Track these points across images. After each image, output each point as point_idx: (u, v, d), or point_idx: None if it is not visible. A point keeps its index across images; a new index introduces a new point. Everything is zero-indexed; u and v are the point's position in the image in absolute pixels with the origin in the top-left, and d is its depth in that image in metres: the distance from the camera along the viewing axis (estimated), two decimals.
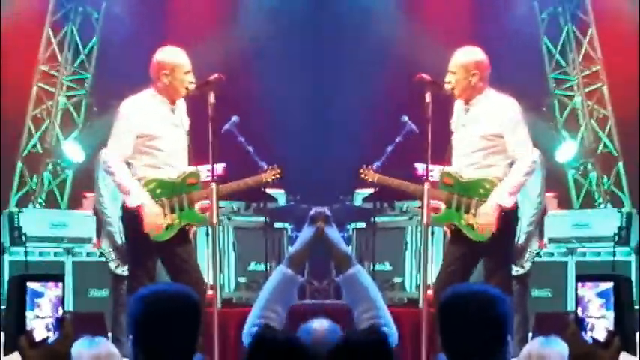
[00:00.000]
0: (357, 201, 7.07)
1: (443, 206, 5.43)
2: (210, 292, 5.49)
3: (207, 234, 6.05)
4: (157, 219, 5.44)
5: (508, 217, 5.34)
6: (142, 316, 2.78)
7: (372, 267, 6.54)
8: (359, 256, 6.63)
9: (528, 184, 5.79)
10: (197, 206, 5.54)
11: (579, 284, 2.55)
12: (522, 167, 5.31)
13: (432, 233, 5.64)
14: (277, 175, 6.23)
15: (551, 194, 6.90)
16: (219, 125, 5.65)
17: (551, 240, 6.94)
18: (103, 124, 6.82)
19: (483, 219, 5.25)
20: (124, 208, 5.56)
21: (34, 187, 8.44)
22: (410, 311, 6.02)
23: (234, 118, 6.33)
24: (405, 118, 6.03)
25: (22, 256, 7.16)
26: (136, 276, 5.42)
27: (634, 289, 5.80)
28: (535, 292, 6.75)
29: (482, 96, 5.26)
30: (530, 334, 5.57)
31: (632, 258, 7.25)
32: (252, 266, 6.91)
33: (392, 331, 2.84)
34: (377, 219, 6.62)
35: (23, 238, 7.23)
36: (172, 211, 5.55)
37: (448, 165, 5.53)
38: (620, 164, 8.31)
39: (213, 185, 5.76)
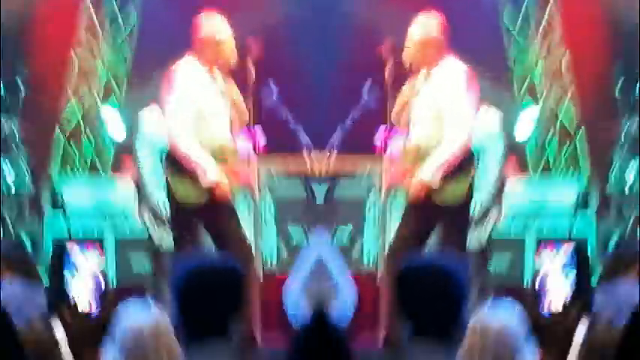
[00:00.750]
0: None
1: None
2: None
3: (249, 205, 6.50)
4: (227, 190, 5.55)
5: (461, 191, 5.51)
6: (185, 288, 2.92)
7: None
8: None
9: (490, 149, 6.07)
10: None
11: (539, 250, 2.54)
12: (451, 145, 5.46)
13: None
14: None
15: (511, 160, 6.80)
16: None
17: (510, 210, 6.74)
18: (143, 94, 6.91)
19: (412, 188, 5.44)
20: (193, 181, 5.55)
21: (73, 156, 8.08)
22: (369, 284, 6.11)
23: (275, 88, 6.41)
24: (366, 88, 6.27)
25: (63, 225, 6.88)
26: (184, 246, 5.56)
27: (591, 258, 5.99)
28: (495, 263, 6.61)
29: (441, 65, 5.44)
30: None
31: (590, 229, 6.99)
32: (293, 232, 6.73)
33: None
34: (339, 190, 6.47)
35: (64, 206, 6.97)
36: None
37: (405, 129, 5.66)
38: (580, 133, 8.00)
39: (254, 157, 6.12)
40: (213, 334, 2.87)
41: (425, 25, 5.57)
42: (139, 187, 6.57)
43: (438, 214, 5.56)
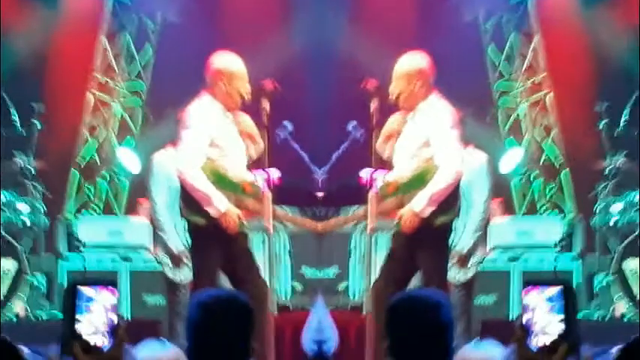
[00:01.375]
0: None
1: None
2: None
3: (263, 241, 6.32)
4: (236, 220, 5.47)
5: (443, 227, 5.49)
6: (198, 322, 2.81)
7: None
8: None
9: (475, 189, 6.17)
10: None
11: (526, 290, 2.58)
12: (444, 176, 5.41)
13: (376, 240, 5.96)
14: None
15: (496, 200, 6.94)
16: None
17: (495, 247, 6.86)
18: (159, 133, 7.11)
19: (404, 219, 5.41)
20: (204, 216, 5.48)
21: (89, 195, 8.28)
22: (356, 318, 6.28)
23: (289, 125, 6.63)
24: (350, 127, 6.49)
25: (78, 263, 7.22)
26: (202, 284, 5.46)
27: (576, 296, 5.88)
28: (480, 299, 6.83)
29: (425, 103, 5.44)
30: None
31: (575, 265, 7.38)
32: (307, 272, 7.04)
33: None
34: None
35: (79, 245, 7.23)
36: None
37: (388, 163, 5.70)
38: (564, 172, 8.18)
39: (269, 194, 6.01)
40: None
41: (411, 60, 5.59)
42: (154, 226, 6.59)
43: (420, 245, 5.54)
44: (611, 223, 7.56)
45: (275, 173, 5.96)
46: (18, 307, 7.41)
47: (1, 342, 2.23)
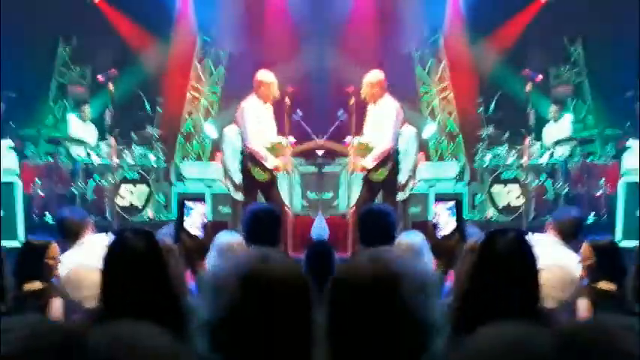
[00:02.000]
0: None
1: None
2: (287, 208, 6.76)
3: (286, 177, 6.94)
4: (279, 166, 6.42)
5: (393, 171, 6.42)
6: (250, 220, 3.60)
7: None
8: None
9: (409, 147, 6.88)
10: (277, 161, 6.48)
11: (435, 203, 3.07)
12: (380, 149, 6.40)
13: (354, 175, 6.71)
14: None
15: (421, 153, 8.00)
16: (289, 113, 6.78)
17: (420, 179, 7.79)
18: (227, 115, 7.98)
19: (359, 167, 6.45)
20: (257, 164, 6.32)
21: (188, 149, 10.19)
22: (343, 221, 7.04)
23: (299, 112, 7.21)
24: (339, 113, 7.05)
25: (183, 188, 8.63)
26: (249, 200, 6.50)
27: (464, 206, 6.05)
28: (411, 209, 7.64)
29: (382, 100, 6.50)
30: None
31: (465, 189, 8.78)
32: (310, 195, 7.67)
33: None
34: (326, 168, 7.50)
35: (183, 178, 8.72)
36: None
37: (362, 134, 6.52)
38: (459, 137, 10.13)
39: (290, 150, 6.79)
40: (269, 244, 3.24)
41: (373, 74, 6.45)
42: (225, 168, 7.28)
43: (379, 184, 6.46)
44: (485, 165, 8.70)
45: (292, 139, 6.95)
46: (149, 213, 8.48)
47: (147, 232, 2.27)
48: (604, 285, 3.37)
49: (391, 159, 6.49)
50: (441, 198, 3.60)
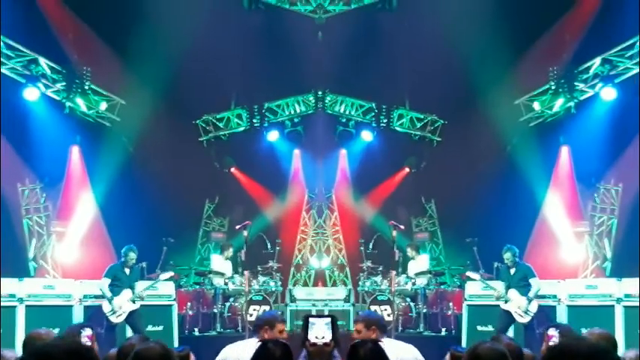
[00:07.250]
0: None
1: None
2: None
3: None
4: None
5: None
6: None
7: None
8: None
9: None
10: None
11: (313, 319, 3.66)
12: None
13: None
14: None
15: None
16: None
17: (319, 299, 10.63)
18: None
19: None
20: None
21: (298, 278, 12.51)
22: None
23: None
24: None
25: (294, 307, 10.68)
26: None
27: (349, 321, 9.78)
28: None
29: None
30: None
31: (351, 307, 10.78)
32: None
33: None
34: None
35: (295, 299, 10.79)
36: None
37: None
38: (347, 269, 12.64)
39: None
40: None
41: None
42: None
43: None
44: (365, 290, 11.01)
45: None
46: None
47: (284, 343, 2.56)
48: None
49: None
50: (319, 315, 4.35)
